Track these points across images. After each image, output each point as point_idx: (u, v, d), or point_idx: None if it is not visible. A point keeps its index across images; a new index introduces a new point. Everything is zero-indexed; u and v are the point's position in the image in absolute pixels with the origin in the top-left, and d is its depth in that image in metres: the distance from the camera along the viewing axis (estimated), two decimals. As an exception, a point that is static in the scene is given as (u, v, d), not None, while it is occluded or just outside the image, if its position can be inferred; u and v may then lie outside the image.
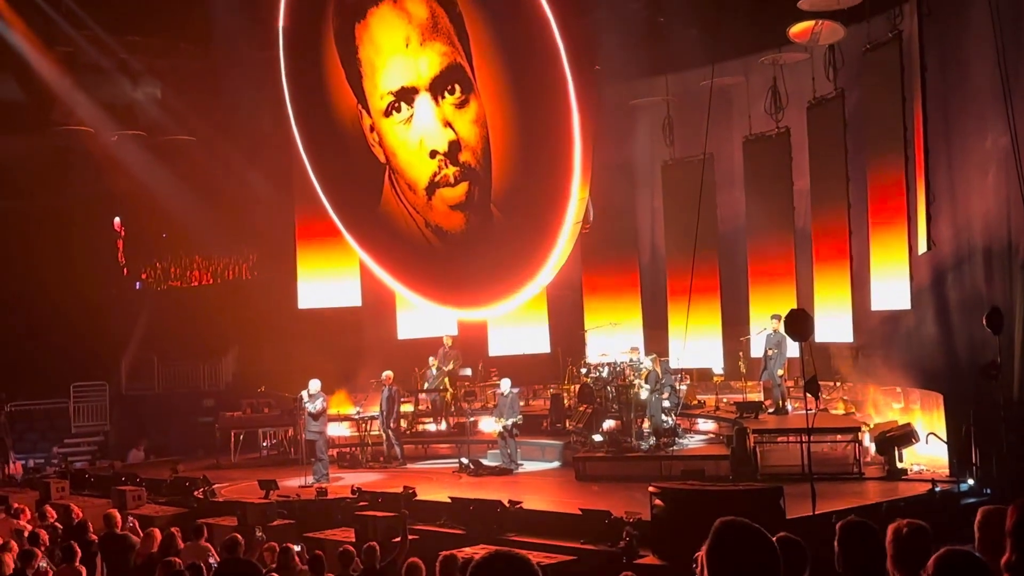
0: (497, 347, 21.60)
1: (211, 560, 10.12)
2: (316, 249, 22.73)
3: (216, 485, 16.60)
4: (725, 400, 18.63)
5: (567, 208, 18.30)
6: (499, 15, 18.68)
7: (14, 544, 10.63)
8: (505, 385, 17.60)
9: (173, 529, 10.99)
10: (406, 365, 20.64)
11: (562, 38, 17.66)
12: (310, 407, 17.21)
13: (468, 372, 20.83)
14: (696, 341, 18.26)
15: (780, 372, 17.26)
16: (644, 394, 16.76)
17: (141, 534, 11.04)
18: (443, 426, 20.11)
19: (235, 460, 19.66)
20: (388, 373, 18.37)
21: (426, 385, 20.46)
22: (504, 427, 17.27)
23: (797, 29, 16.53)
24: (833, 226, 17.55)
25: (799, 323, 12.68)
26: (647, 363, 17.26)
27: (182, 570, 8.53)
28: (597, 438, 16.96)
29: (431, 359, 20.49)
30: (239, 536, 9.89)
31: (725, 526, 3.38)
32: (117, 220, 26.32)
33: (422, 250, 20.98)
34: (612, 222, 20.63)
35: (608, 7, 18.68)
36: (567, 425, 18.48)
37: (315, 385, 17.33)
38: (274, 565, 9.97)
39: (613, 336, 19.72)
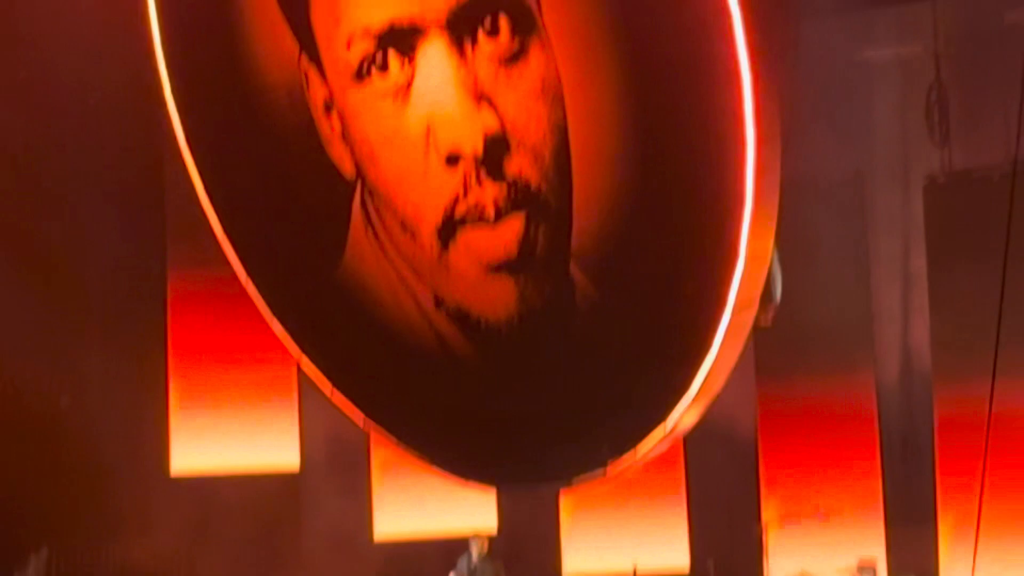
0: (577, 559, 18.37)
1: None
2: (209, 360, 19.02)
3: None
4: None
5: (731, 276, 13.96)
6: None
7: None
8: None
9: None
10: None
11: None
12: None
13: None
14: (997, 553, 15.37)
15: None
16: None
17: None
18: None
19: None
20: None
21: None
22: None
23: None
24: None
25: None
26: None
27: None
28: None
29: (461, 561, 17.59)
30: None
31: None
32: None
33: (426, 357, 16.40)
34: (821, 303, 16.93)
35: None
36: None
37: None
38: None
39: (820, 535, 17.20)
